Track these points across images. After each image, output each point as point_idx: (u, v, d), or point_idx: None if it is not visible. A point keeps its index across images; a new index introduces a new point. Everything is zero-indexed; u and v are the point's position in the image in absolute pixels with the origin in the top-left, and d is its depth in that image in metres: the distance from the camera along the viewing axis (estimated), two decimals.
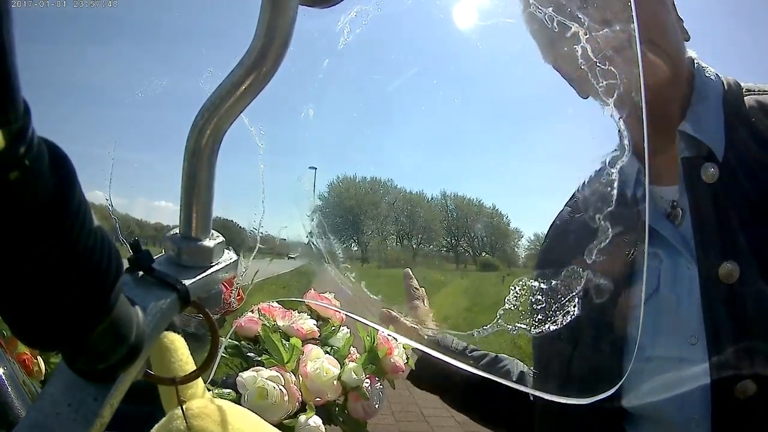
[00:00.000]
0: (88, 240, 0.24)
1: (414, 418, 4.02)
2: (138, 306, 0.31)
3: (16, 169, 0.19)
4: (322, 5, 0.39)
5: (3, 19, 0.18)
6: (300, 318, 0.85)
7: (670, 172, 0.81)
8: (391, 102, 3.74)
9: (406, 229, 5.88)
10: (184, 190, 0.37)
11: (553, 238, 0.96)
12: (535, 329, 0.62)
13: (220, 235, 0.40)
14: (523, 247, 6.10)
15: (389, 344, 0.83)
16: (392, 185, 6.41)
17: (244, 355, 0.81)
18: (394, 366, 0.83)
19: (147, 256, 0.35)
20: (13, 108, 0.19)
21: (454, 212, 6.88)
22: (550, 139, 4.16)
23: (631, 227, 0.71)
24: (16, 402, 0.64)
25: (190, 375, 0.42)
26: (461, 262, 6.55)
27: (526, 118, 13.46)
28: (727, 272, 0.70)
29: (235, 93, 0.35)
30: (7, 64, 0.18)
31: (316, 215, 0.83)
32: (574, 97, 0.87)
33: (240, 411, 0.46)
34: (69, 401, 0.29)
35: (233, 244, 0.42)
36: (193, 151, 0.36)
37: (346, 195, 4.09)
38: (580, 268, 0.62)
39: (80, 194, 0.23)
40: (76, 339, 0.26)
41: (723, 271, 0.70)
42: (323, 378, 0.76)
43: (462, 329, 0.77)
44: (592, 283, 0.68)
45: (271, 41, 0.34)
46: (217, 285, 0.40)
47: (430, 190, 12.09)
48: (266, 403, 0.70)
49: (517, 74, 1.02)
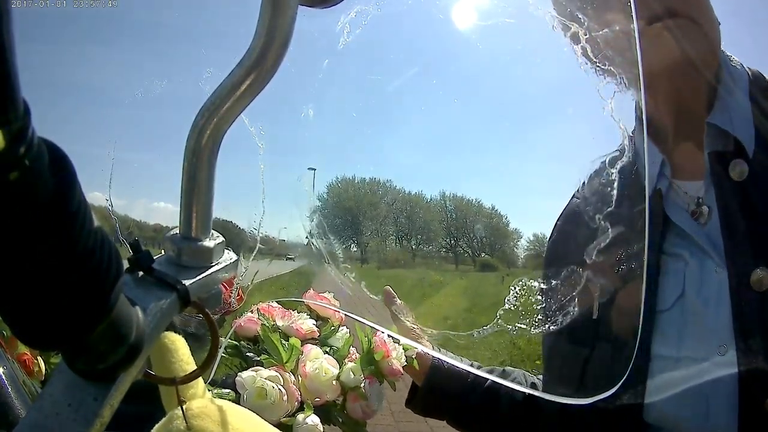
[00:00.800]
0: (88, 240, 0.24)
1: (414, 418, 3.99)
2: (138, 306, 0.31)
3: (16, 169, 0.19)
4: (322, 5, 0.39)
5: (3, 19, 0.18)
6: (299, 318, 0.85)
7: (695, 166, 0.75)
8: (391, 102, 3.71)
9: (405, 230, 5.89)
10: (184, 191, 0.37)
11: (562, 233, 0.91)
12: (534, 329, 0.62)
13: (220, 236, 0.40)
14: (522, 247, 6.14)
15: (386, 347, 0.83)
16: (391, 186, 6.43)
17: (243, 355, 0.81)
18: (392, 369, 0.83)
19: (147, 256, 0.35)
20: (13, 108, 0.19)
21: (454, 213, 6.91)
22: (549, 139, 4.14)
23: (656, 225, 0.68)
24: (16, 402, 0.64)
25: (190, 375, 0.42)
26: (461, 262, 6.58)
27: (525, 118, 13.48)
28: (759, 279, 0.66)
29: (235, 93, 0.35)
30: (7, 64, 0.18)
31: (315, 216, 0.84)
32: (574, 97, 0.87)
33: (240, 411, 0.46)
34: (69, 401, 0.29)
35: (233, 244, 0.42)
36: (193, 151, 0.36)
37: (346, 196, 4.11)
38: (588, 267, 0.61)
39: (80, 194, 0.23)
40: (76, 339, 0.26)
41: (755, 278, 0.66)
42: (322, 378, 0.75)
43: (462, 330, 0.77)
44: (603, 282, 0.66)
45: (271, 41, 0.34)
46: (217, 285, 0.40)
47: (429, 191, 12.18)
48: (265, 403, 0.70)
49: (517, 74, 1.02)
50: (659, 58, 0.69)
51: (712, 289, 0.70)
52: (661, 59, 0.69)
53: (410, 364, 0.88)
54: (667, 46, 0.68)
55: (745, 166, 0.70)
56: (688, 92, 0.74)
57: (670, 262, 0.74)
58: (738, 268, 0.68)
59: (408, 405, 0.95)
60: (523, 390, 0.54)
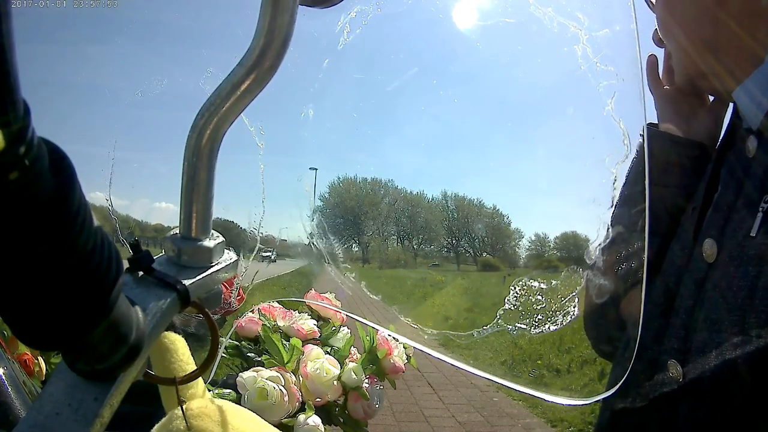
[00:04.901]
0: (88, 240, 0.24)
1: (415, 418, 4.02)
2: (138, 306, 0.31)
3: (16, 169, 0.19)
4: (322, 5, 0.39)
5: (3, 19, 0.18)
6: (300, 318, 0.85)
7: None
8: (391, 102, 3.70)
9: (406, 230, 5.90)
10: (184, 190, 0.37)
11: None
12: (534, 329, 0.62)
13: (220, 236, 0.40)
14: (524, 247, 6.11)
15: (389, 345, 0.83)
16: (393, 186, 6.43)
17: (244, 355, 0.81)
18: (394, 367, 0.83)
19: (147, 256, 0.35)
20: (13, 108, 0.19)
21: (455, 212, 6.91)
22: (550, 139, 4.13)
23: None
24: (16, 402, 0.64)
25: (190, 375, 0.42)
26: (462, 262, 6.57)
27: (526, 118, 13.48)
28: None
29: (235, 93, 0.35)
30: (7, 64, 0.18)
31: (316, 216, 0.84)
32: (574, 97, 0.87)
33: (240, 411, 0.46)
34: (69, 401, 0.29)
35: (233, 244, 0.42)
36: (193, 151, 0.36)
37: (347, 195, 4.12)
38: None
39: (80, 195, 0.23)
40: (76, 339, 0.26)
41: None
42: (323, 378, 0.76)
43: (463, 329, 0.77)
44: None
45: (271, 41, 0.34)
46: (217, 285, 0.40)
47: (430, 191, 12.11)
48: (266, 403, 0.70)
49: (517, 74, 1.02)
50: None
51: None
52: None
53: (412, 364, 0.88)
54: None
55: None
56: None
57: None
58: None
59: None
60: (523, 390, 0.54)
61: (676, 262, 0.68)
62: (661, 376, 0.63)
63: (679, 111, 0.78)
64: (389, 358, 0.83)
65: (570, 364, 5.31)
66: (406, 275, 2.99)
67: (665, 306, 0.67)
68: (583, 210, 0.74)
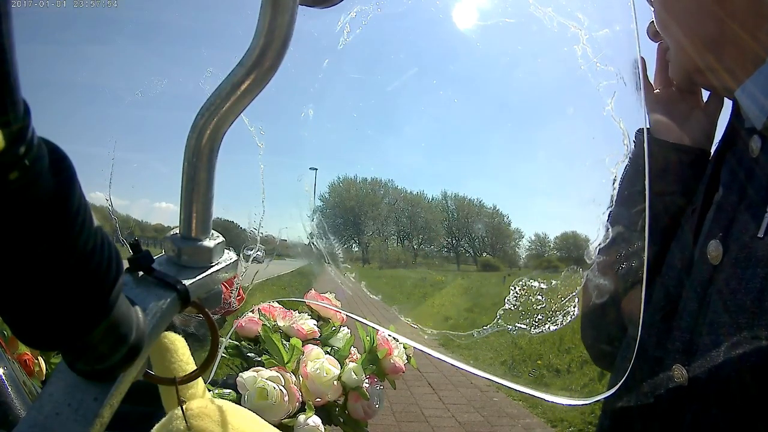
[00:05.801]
0: (88, 240, 0.24)
1: (414, 418, 4.02)
2: (138, 306, 0.31)
3: (16, 169, 0.19)
4: (322, 5, 0.39)
5: (3, 19, 0.18)
6: (300, 318, 0.85)
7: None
8: (391, 102, 3.71)
9: (406, 230, 5.91)
10: (184, 190, 0.37)
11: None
12: (534, 329, 0.62)
13: (220, 236, 0.40)
14: (524, 247, 6.10)
15: (389, 345, 0.83)
16: (393, 185, 6.41)
17: (244, 355, 0.81)
18: (394, 367, 0.83)
19: (147, 256, 0.35)
20: (13, 108, 0.19)
21: (455, 212, 6.92)
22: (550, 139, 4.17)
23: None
24: (16, 402, 0.64)
25: (190, 375, 0.42)
26: (462, 262, 6.58)
27: (526, 118, 13.50)
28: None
29: (235, 93, 0.35)
30: (7, 64, 0.18)
31: (316, 216, 0.84)
32: (574, 97, 0.87)
33: (240, 411, 0.46)
34: (69, 401, 0.29)
35: (233, 244, 0.42)
36: (193, 151, 0.36)
37: (347, 195, 4.14)
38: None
39: (80, 195, 0.23)
40: (76, 339, 0.26)
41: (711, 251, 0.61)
42: (323, 378, 0.76)
43: (463, 329, 0.77)
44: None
45: (271, 41, 0.34)
46: (217, 285, 0.40)
47: (430, 191, 12.12)
48: (266, 403, 0.70)
49: (517, 74, 1.02)
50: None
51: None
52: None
53: (411, 364, 0.88)
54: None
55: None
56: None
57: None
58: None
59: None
60: (523, 390, 0.53)
61: (677, 264, 0.68)
62: (665, 381, 0.62)
63: (671, 114, 0.77)
64: (389, 358, 0.83)
65: (570, 364, 5.30)
66: (406, 275, 2.99)
67: (667, 309, 0.66)
68: (583, 210, 0.74)
